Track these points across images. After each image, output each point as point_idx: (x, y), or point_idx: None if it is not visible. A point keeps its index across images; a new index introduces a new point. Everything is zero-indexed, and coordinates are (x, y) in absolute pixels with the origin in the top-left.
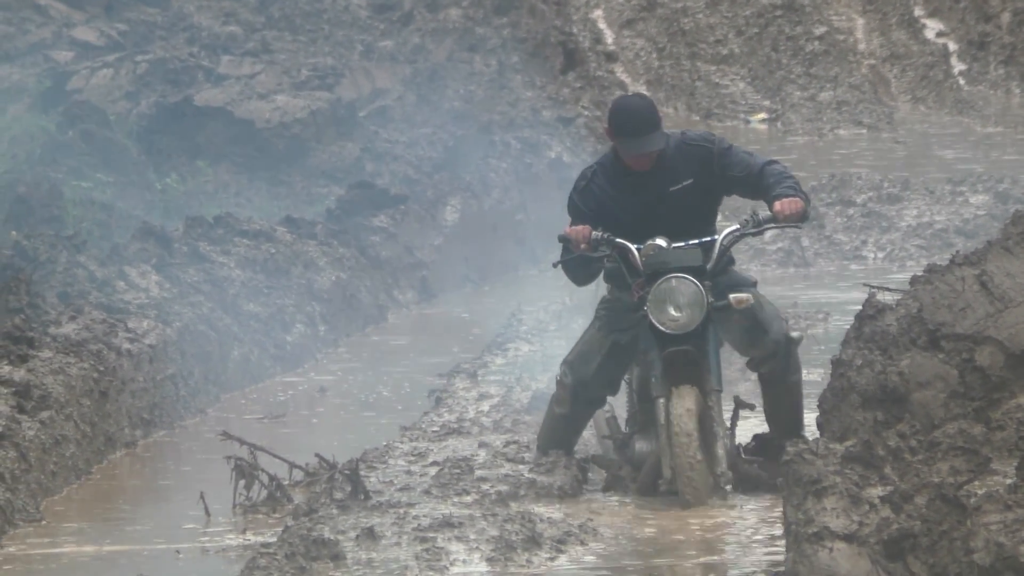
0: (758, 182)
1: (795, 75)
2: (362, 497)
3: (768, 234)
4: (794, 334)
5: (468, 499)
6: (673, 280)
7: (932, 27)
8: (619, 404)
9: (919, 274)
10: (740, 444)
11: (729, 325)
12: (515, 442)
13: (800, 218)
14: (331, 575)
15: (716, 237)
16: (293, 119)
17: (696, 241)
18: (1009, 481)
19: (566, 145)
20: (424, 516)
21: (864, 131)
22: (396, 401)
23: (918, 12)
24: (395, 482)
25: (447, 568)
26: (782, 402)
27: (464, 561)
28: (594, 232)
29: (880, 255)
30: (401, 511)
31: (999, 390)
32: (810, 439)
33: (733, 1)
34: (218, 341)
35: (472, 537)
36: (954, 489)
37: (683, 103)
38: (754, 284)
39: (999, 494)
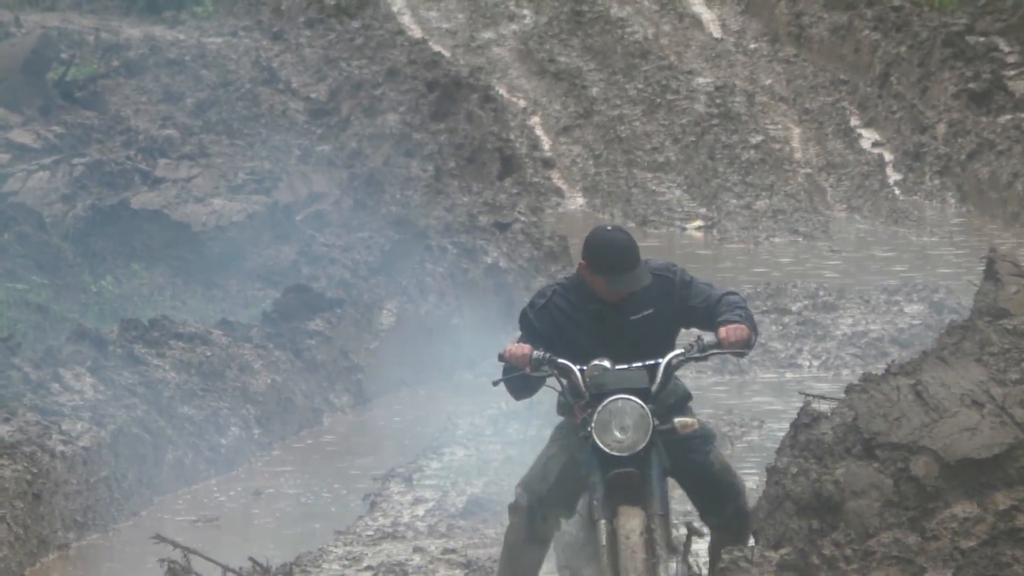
0: (714, 311)
1: (731, 183)
2: None
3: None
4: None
5: None
6: (619, 401)
7: (868, 137)
8: None
9: (854, 383)
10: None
11: (685, 483)
12: (451, 548)
13: (744, 345)
14: None
15: (660, 360)
16: (230, 222)
17: (640, 364)
18: None
19: (503, 250)
20: None
21: (800, 239)
22: (331, 505)
23: (854, 122)
24: None
25: None
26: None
27: None
28: (535, 352)
29: (815, 363)
30: None
31: (934, 500)
32: (745, 548)
33: (670, 109)
34: (152, 444)
35: None
36: None
37: (619, 209)
38: (714, 438)
39: None
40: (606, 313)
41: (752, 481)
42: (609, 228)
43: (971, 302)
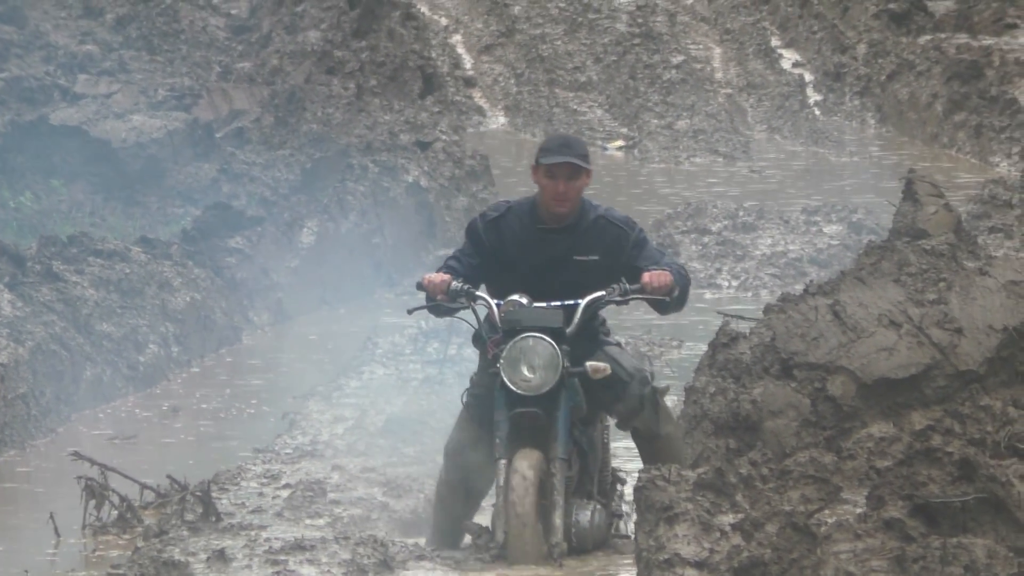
0: None
1: (652, 103)
2: (213, 519)
3: None
4: (660, 384)
5: (321, 522)
6: (530, 339)
7: (789, 57)
8: None
9: (773, 303)
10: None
11: (591, 385)
12: (369, 467)
13: (666, 292)
14: None
15: (579, 301)
16: (150, 139)
17: (558, 303)
18: (859, 510)
19: (424, 169)
20: (276, 539)
21: (720, 160)
22: (249, 423)
23: (775, 42)
24: (247, 504)
25: None
26: (660, 456)
27: None
28: (454, 282)
29: (734, 283)
30: (253, 533)
31: (850, 419)
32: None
33: (591, 28)
34: (70, 360)
35: (324, 560)
36: (805, 517)
37: (540, 129)
38: (618, 343)
39: (849, 523)
40: (551, 243)
41: (671, 401)
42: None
43: (890, 223)
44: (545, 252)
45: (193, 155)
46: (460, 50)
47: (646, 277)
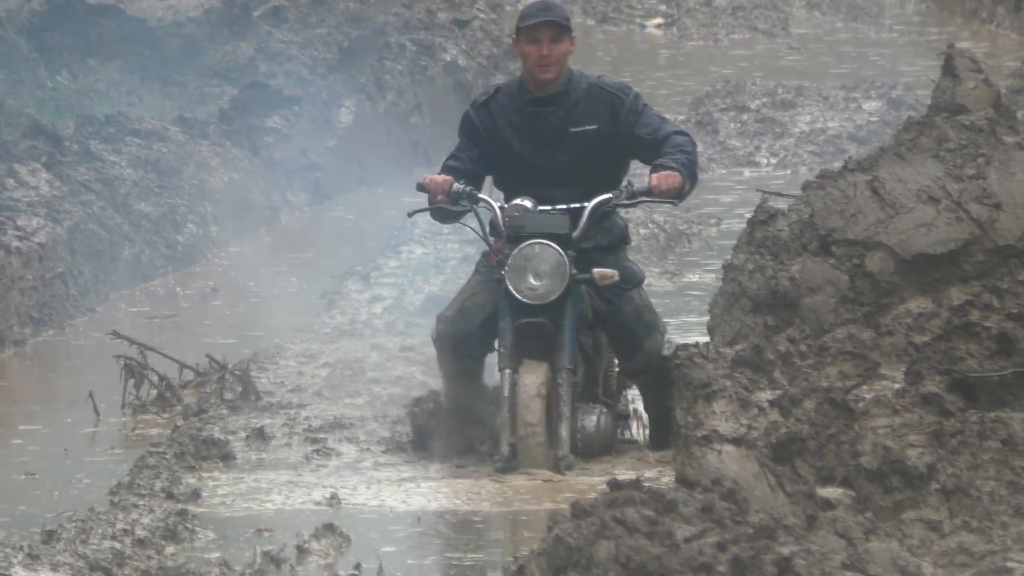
0: (658, 149)
1: None
2: (252, 398)
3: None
4: (667, 352)
5: (359, 401)
6: (536, 246)
7: None
8: None
9: (811, 180)
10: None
11: (604, 328)
12: (408, 346)
13: (676, 195)
14: (220, 475)
15: (585, 204)
16: (186, 18)
17: (564, 207)
18: (897, 386)
19: (461, 48)
20: (315, 417)
21: (759, 36)
22: (288, 302)
23: None
24: (286, 383)
25: (338, 469)
26: (659, 407)
27: (355, 462)
28: (455, 184)
29: (773, 161)
30: (292, 412)
31: (888, 296)
32: (700, 343)
33: None
34: (109, 240)
35: (362, 439)
36: (842, 393)
37: (579, 6)
38: (640, 281)
39: (887, 399)
40: (543, 117)
41: (709, 278)
42: None
43: (929, 98)
44: (539, 126)
45: (230, 34)
46: None
47: (655, 180)
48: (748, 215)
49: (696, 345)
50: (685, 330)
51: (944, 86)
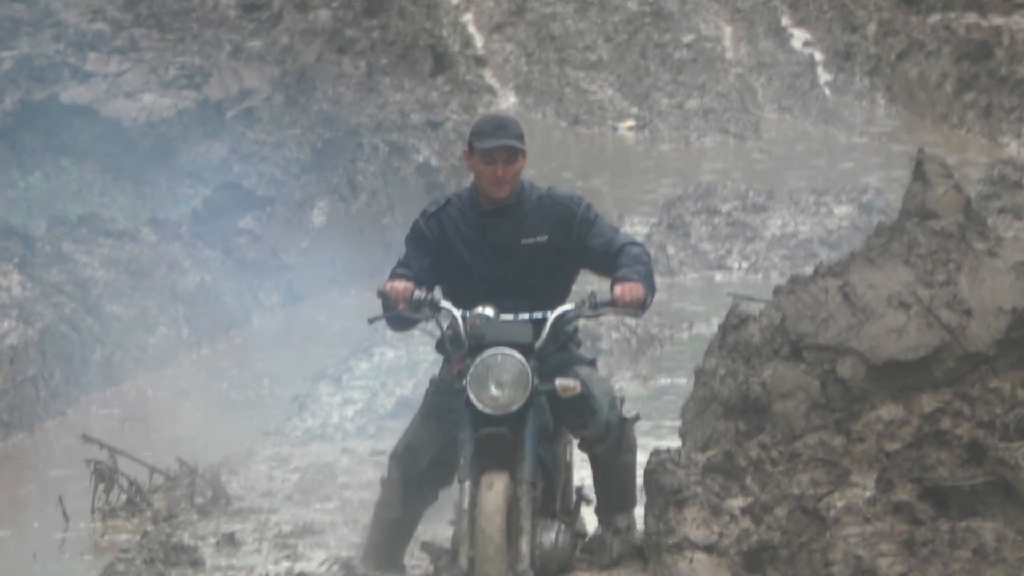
0: (613, 260)
1: (663, 82)
2: (223, 502)
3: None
4: (628, 415)
5: (330, 505)
6: (499, 355)
7: (799, 36)
8: None
9: (782, 284)
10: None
11: (558, 404)
12: (379, 450)
13: (639, 306)
14: None
15: (548, 314)
16: (160, 119)
17: (526, 316)
18: (868, 494)
19: (434, 149)
20: (285, 522)
21: (731, 139)
22: (259, 405)
23: (785, 21)
24: (257, 487)
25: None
26: (613, 482)
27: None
28: (416, 292)
29: (744, 265)
30: (262, 517)
31: (860, 402)
32: (671, 449)
33: (602, 7)
34: (80, 342)
35: (333, 544)
36: (814, 501)
37: (551, 109)
38: (591, 363)
39: (858, 506)
40: (494, 229)
41: (681, 382)
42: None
43: (899, 203)
44: (489, 239)
45: (203, 134)
46: (471, 29)
47: (618, 291)
48: (720, 319)
49: (668, 451)
50: (657, 436)
51: (915, 191)
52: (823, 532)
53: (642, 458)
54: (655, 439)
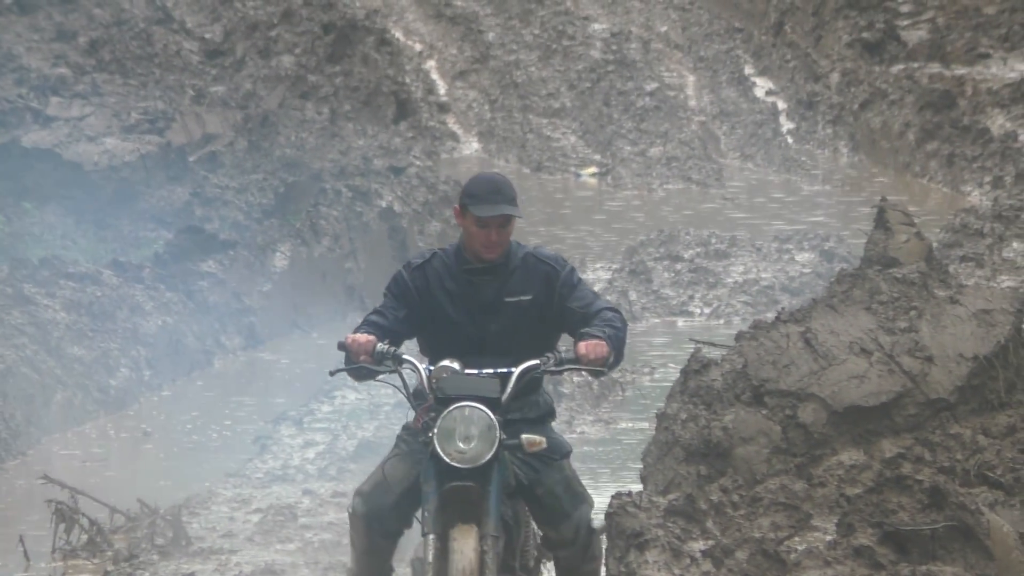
0: (589, 322)
1: (626, 130)
2: (184, 543)
3: (597, 287)
4: (597, 524)
5: (291, 547)
6: (466, 409)
7: (762, 86)
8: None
9: (745, 330)
10: None
11: (529, 497)
12: (341, 492)
13: (602, 363)
14: None
15: (512, 369)
16: (122, 162)
17: (491, 371)
18: (829, 538)
19: (397, 194)
20: (246, 563)
21: (693, 187)
22: (221, 447)
23: (748, 71)
24: (218, 528)
25: None
26: None
27: None
28: (379, 344)
29: (707, 310)
30: (223, 558)
31: (821, 446)
32: (633, 492)
33: (566, 55)
34: (41, 383)
35: None
36: (775, 544)
37: (514, 155)
38: (567, 454)
39: (819, 550)
40: (480, 286)
41: (642, 427)
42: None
43: (861, 251)
44: (474, 297)
45: (166, 178)
46: (434, 76)
47: (582, 348)
48: (682, 364)
49: (629, 494)
50: (618, 479)
51: (876, 239)
52: (784, 575)
53: (603, 501)
54: (617, 483)
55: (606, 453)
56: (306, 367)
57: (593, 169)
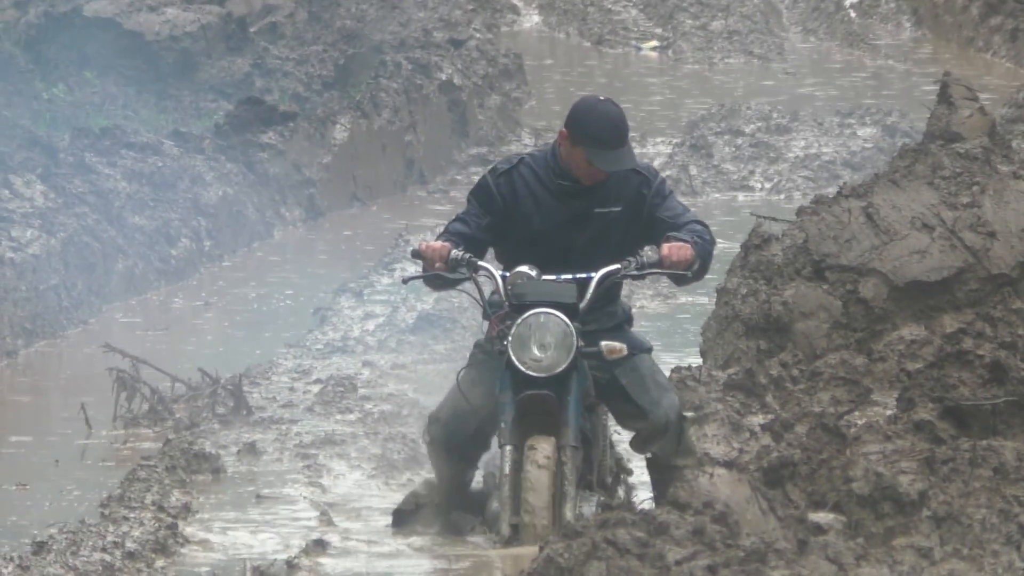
0: (676, 231)
1: (687, 3)
2: (244, 413)
3: (657, 162)
4: (688, 413)
5: (351, 417)
6: (541, 315)
7: None
8: None
9: (806, 205)
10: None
11: (612, 393)
12: (400, 364)
13: (686, 267)
14: (211, 489)
15: (592, 275)
16: (183, 32)
17: (570, 276)
18: (889, 412)
19: (457, 67)
20: (306, 433)
21: (755, 61)
22: (281, 318)
23: None
24: (278, 398)
25: (328, 485)
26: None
27: (344, 478)
28: (453, 251)
29: (767, 185)
30: (283, 427)
31: (881, 322)
32: (693, 366)
33: None
34: (102, 252)
35: (353, 455)
36: (834, 419)
37: (575, 28)
38: (649, 350)
39: (879, 424)
40: (573, 196)
41: (702, 301)
42: (601, 98)
43: (924, 126)
44: (565, 206)
45: (226, 49)
46: None
47: (665, 250)
48: (742, 239)
49: (689, 368)
50: (678, 352)
51: (939, 114)
52: (843, 449)
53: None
54: (676, 357)
55: (665, 327)
56: (366, 239)
57: (654, 43)
